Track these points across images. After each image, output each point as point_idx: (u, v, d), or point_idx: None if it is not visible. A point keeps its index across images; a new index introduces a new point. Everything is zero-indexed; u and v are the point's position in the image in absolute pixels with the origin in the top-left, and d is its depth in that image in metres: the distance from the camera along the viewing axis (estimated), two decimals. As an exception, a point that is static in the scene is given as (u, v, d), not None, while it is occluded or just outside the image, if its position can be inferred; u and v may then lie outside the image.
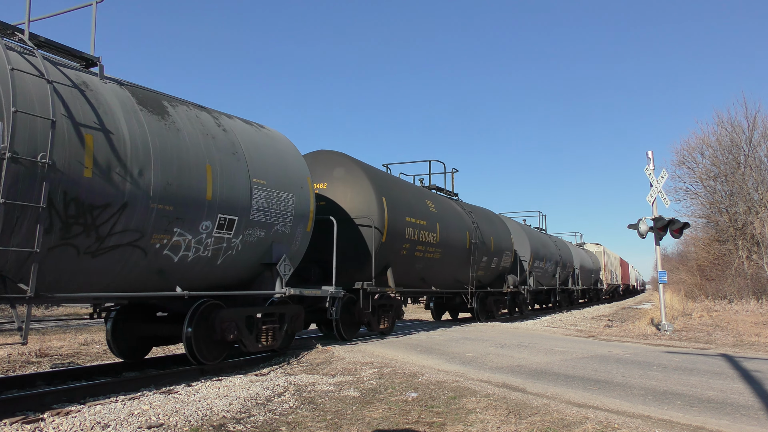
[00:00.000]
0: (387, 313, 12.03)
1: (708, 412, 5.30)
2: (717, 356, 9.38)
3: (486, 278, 17.27)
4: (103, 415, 4.99)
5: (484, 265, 16.50)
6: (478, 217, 16.79)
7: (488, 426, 4.83)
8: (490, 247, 16.67)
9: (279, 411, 5.37)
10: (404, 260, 11.95)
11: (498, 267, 17.65)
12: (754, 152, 29.79)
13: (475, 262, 15.55)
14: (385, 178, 12.21)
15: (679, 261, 48.85)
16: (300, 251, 9.05)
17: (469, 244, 15.09)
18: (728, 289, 27.01)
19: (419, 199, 13.01)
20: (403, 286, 12.40)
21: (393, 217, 11.28)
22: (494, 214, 19.19)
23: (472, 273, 15.44)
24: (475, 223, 15.97)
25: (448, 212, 14.46)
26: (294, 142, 9.78)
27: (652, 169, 14.89)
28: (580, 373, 7.39)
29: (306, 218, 8.94)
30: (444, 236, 13.56)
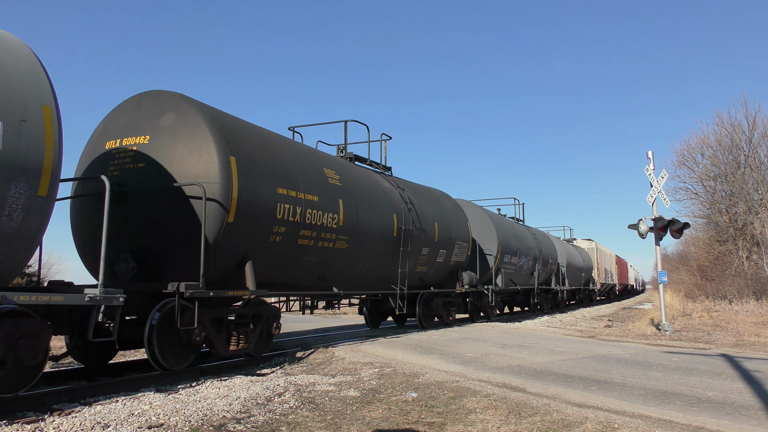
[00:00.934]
0: (248, 328, 8.06)
1: (708, 412, 5.30)
2: (717, 356, 9.38)
3: (431, 276, 13.94)
4: (103, 415, 4.99)
5: (426, 258, 13.15)
6: (416, 197, 13.12)
7: (488, 426, 4.83)
8: (433, 235, 13.22)
9: (279, 411, 5.37)
10: (279, 250, 8.42)
11: (447, 261, 14.28)
12: (754, 152, 29.80)
13: (408, 255, 12.06)
14: (244, 131, 8.32)
15: (679, 261, 48.80)
16: (24, 232, 5.16)
17: (398, 230, 11.60)
18: (728, 289, 27.00)
19: (309, 166, 9.36)
20: (279, 287, 9.12)
21: (249, 187, 7.70)
22: (444, 195, 15.46)
23: (403, 269, 11.94)
24: (409, 204, 12.42)
25: (364, 187, 10.87)
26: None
27: (652, 169, 14.90)
28: (580, 373, 7.40)
29: (32, 172, 5.12)
30: (352, 218, 10.02)
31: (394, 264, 11.77)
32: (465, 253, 15.16)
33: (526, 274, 21.07)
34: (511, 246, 18.75)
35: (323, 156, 10.52)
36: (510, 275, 19.08)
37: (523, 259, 20.09)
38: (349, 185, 10.32)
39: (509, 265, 18.81)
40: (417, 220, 12.56)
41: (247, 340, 8.08)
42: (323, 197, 9.33)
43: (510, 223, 20.86)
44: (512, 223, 21.15)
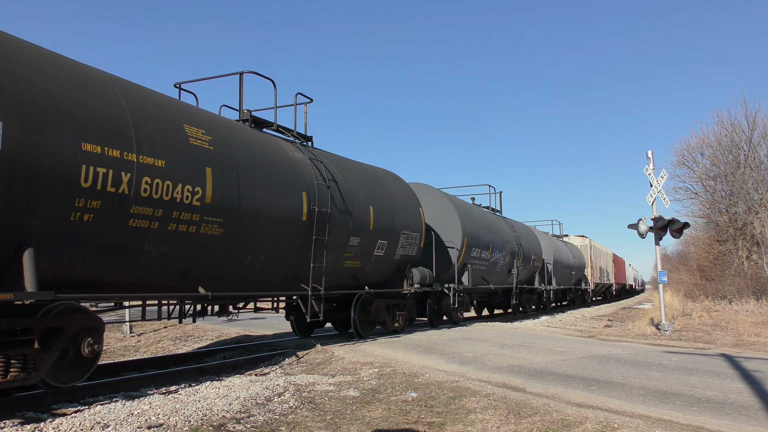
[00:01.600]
0: (31, 348, 5.33)
1: (708, 412, 5.30)
2: (717, 356, 9.39)
3: (369, 273, 11.25)
4: (103, 415, 4.99)
5: (358, 251, 10.47)
6: (344, 174, 10.41)
7: (488, 426, 4.83)
8: (367, 222, 10.59)
9: (279, 411, 5.37)
10: (92, 234, 5.84)
11: (391, 255, 11.61)
12: (754, 152, 29.80)
13: (326, 246, 9.36)
14: (30, 58, 5.56)
15: (678, 261, 48.79)
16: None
17: (309, 213, 8.96)
18: (728, 289, 27.00)
19: (155, 118, 6.63)
20: (110, 287, 6.49)
21: (24, 137, 5.14)
22: (390, 175, 12.79)
23: (318, 263, 9.26)
24: (329, 181, 9.74)
25: (255, 155, 8.13)
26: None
27: (652, 169, 14.90)
28: (580, 373, 7.40)
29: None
30: (229, 194, 7.31)
31: (305, 256, 9.11)
32: (416, 245, 12.50)
33: (503, 272, 18.48)
34: (480, 238, 16.05)
35: (186, 108, 7.53)
36: (481, 272, 16.54)
37: (497, 254, 17.41)
38: (227, 150, 7.49)
39: (479, 260, 16.12)
40: (341, 202, 9.87)
41: (28, 366, 5.32)
42: (176, 162, 6.61)
43: (481, 212, 17.81)
44: (484, 213, 18.14)
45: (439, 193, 15.46)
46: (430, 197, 15.15)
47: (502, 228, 18.67)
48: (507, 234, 18.85)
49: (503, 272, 18.51)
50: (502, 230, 18.50)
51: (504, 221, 19.71)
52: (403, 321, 12.46)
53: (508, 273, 18.97)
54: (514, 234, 19.64)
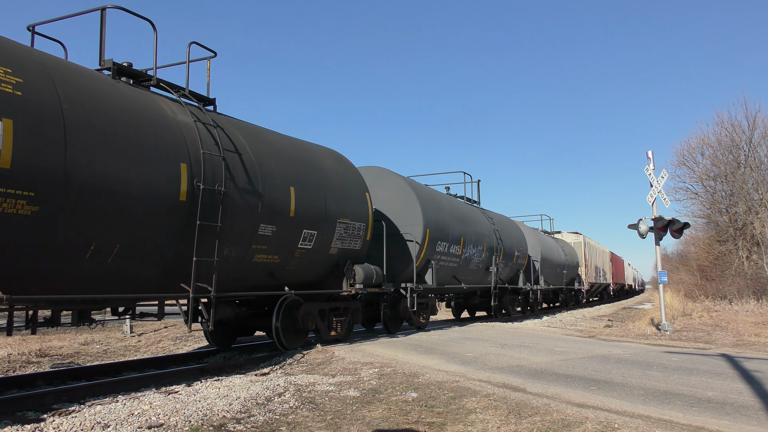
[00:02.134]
0: None
1: (708, 412, 5.30)
2: (717, 356, 9.38)
3: (294, 270, 9.21)
4: (103, 415, 4.99)
5: (273, 242, 8.37)
6: (253, 145, 8.33)
7: (488, 426, 4.83)
8: (286, 206, 8.50)
9: (279, 411, 5.37)
10: None
11: (325, 249, 9.61)
12: (754, 152, 29.80)
13: (218, 234, 7.31)
14: None
15: (679, 261, 48.78)
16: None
17: (191, 191, 7.00)
18: (728, 289, 27.01)
19: None
20: None
21: None
22: (328, 153, 10.70)
23: (206, 257, 7.23)
24: (227, 151, 7.61)
25: (100, 108, 6.14)
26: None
27: (652, 169, 14.90)
28: (580, 373, 7.40)
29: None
30: (47, 158, 5.43)
31: (190, 248, 7.04)
32: (360, 237, 10.46)
33: (479, 270, 16.41)
34: (448, 231, 13.86)
35: None
36: (450, 270, 14.49)
37: (471, 250, 15.33)
38: (49, 100, 5.56)
39: (447, 256, 13.98)
40: (244, 179, 7.77)
41: None
42: None
43: (451, 201, 15.34)
44: (455, 203, 15.66)
45: (396, 178, 13.03)
46: (386, 182, 12.96)
47: (479, 220, 16.56)
48: (484, 227, 16.67)
49: (479, 270, 16.42)
50: (478, 223, 16.39)
51: (481, 213, 17.48)
52: (343, 328, 10.43)
53: (486, 271, 16.85)
54: (492, 227, 17.48)
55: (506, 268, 18.68)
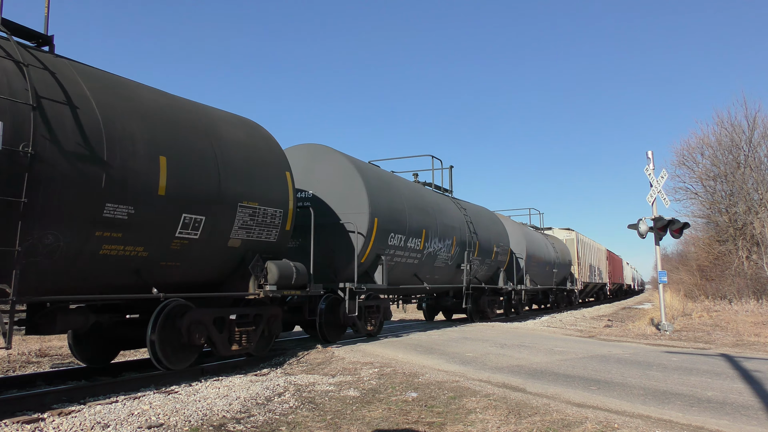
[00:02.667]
0: None
1: (708, 412, 5.30)
2: (717, 356, 9.39)
3: (177, 268, 7.12)
4: (103, 415, 4.99)
5: (136, 229, 6.36)
6: (102, 97, 6.23)
7: (488, 426, 4.83)
8: (153, 182, 6.47)
9: (279, 411, 5.38)
10: None
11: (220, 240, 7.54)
12: (754, 152, 29.80)
13: (23, 214, 5.21)
14: None
15: (678, 261, 48.75)
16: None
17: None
18: (728, 289, 27.01)
19: None
20: None
21: None
22: (227, 116, 8.51)
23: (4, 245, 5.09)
24: (37, 100, 5.49)
25: None
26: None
27: (652, 169, 14.90)
28: (580, 373, 7.40)
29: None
30: None
31: None
32: (276, 226, 8.41)
33: (448, 267, 14.21)
34: (405, 221, 11.57)
35: None
36: (409, 267, 12.28)
37: (437, 244, 13.18)
38: None
39: (404, 250, 11.74)
40: (75, 140, 5.71)
41: None
42: None
43: (411, 187, 13.01)
44: (415, 188, 13.24)
45: (338, 157, 10.73)
46: (325, 162, 10.78)
47: (447, 210, 14.27)
48: (454, 218, 14.46)
49: (448, 267, 14.24)
50: (446, 213, 14.14)
51: (452, 203, 15.25)
52: (251, 340, 8.26)
53: (458, 269, 14.75)
54: (465, 219, 15.28)
55: (483, 265, 16.47)
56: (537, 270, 21.91)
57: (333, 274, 10.42)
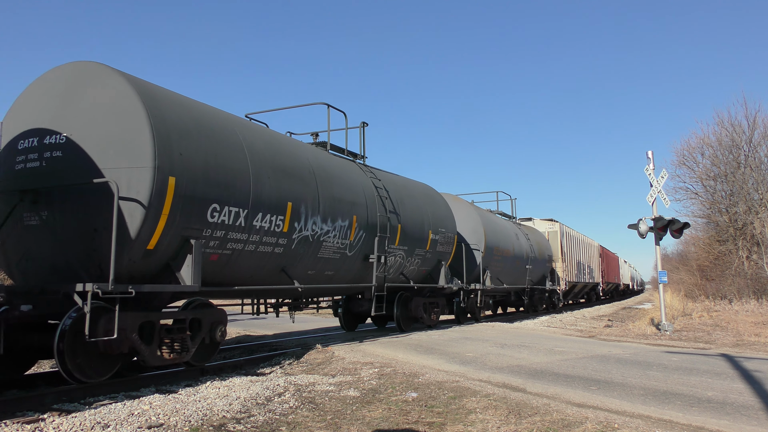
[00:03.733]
0: None
1: (708, 412, 5.30)
2: (717, 356, 9.38)
3: None
4: (103, 415, 4.99)
5: None
6: None
7: (488, 426, 4.83)
8: None
9: (279, 411, 5.38)
10: None
11: None
12: (754, 152, 29.81)
13: None
14: None
15: (679, 261, 48.74)
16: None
17: None
18: (728, 289, 27.01)
19: None
20: None
21: None
22: None
23: None
24: None
25: None
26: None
27: (652, 169, 14.90)
28: (580, 373, 7.40)
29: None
30: None
31: None
32: None
33: (349, 259, 10.22)
34: (254, 189, 7.70)
35: None
36: (271, 259, 8.36)
37: (320, 225, 9.13)
38: None
39: (250, 233, 7.75)
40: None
41: None
42: None
43: (267, 137, 8.79)
44: (278, 141, 9.02)
45: (113, 78, 6.63)
46: (95, 88, 6.63)
47: (342, 179, 10.06)
48: (353, 190, 10.22)
49: (349, 260, 10.15)
50: (341, 182, 9.94)
51: (356, 169, 10.94)
52: None
53: (365, 261, 10.63)
54: (375, 193, 10.90)
55: (412, 258, 12.25)
56: (503, 266, 17.91)
57: (96, 268, 6.32)
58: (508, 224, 19.99)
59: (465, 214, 16.50)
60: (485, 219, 17.19)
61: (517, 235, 19.93)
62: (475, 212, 16.90)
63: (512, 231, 19.68)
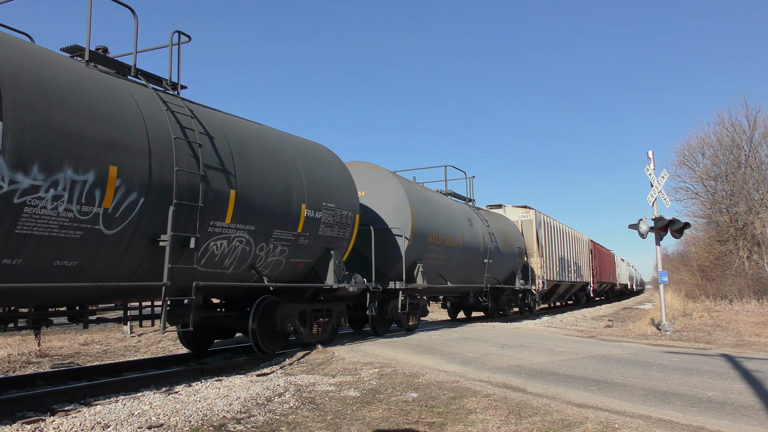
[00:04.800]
0: None
1: (708, 412, 5.30)
2: (717, 356, 9.38)
3: None
4: (103, 415, 4.99)
5: None
6: None
7: (488, 426, 4.83)
8: None
9: (279, 411, 5.37)
10: None
11: None
12: (754, 152, 29.79)
13: None
14: None
15: (679, 261, 48.68)
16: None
17: None
18: (729, 289, 26.99)
19: None
20: None
21: None
22: None
23: None
24: None
25: None
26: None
27: (652, 169, 14.89)
28: (581, 373, 7.39)
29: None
30: None
31: None
32: None
33: (108, 242, 6.06)
34: None
35: None
36: None
37: (27, 178, 5.16)
38: None
39: None
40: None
41: None
42: None
43: None
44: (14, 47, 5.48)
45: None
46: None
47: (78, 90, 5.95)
48: (102, 112, 6.05)
49: (108, 242, 6.08)
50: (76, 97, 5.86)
51: (119, 86, 6.66)
52: None
53: (153, 247, 6.65)
54: (168, 125, 6.88)
55: (269, 244, 8.34)
56: (446, 259, 13.82)
57: None
58: (456, 206, 15.25)
59: (385, 189, 12.26)
60: (414, 196, 12.62)
61: (471, 221, 15.42)
62: (398, 186, 12.23)
63: (462, 215, 15.05)
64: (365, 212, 12.03)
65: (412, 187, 13.16)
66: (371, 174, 12.58)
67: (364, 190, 12.39)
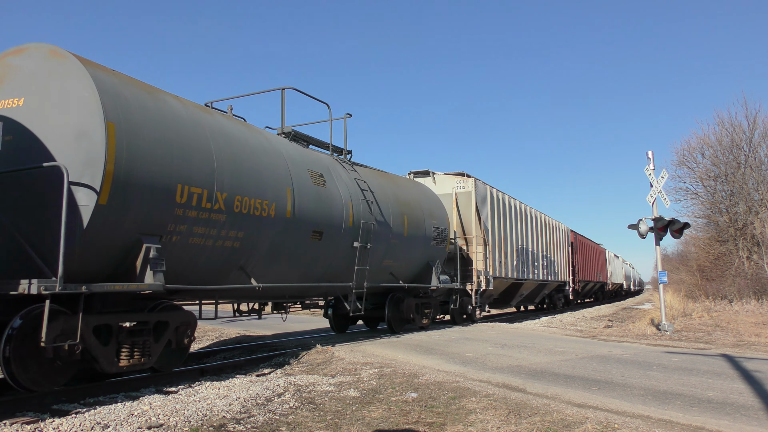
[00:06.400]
0: None
1: (708, 412, 5.30)
2: (717, 356, 9.38)
3: None
4: (103, 415, 4.99)
5: None
6: None
7: (488, 426, 4.83)
8: None
9: (279, 411, 5.37)
10: None
11: None
12: (754, 152, 29.80)
13: None
14: None
15: (679, 261, 48.67)
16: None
17: None
18: (728, 289, 27.00)
19: None
20: None
21: None
22: None
23: None
24: None
25: None
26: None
27: (652, 169, 14.89)
28: (580, 373, 7.39)
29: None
30: None
31: None
32: None
33: None
34: None
35: None
36: None
37: None
38: None
39: None
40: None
41: None
42: None
43: None
44: None
45: None
46: None
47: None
48: None
49: None
50: None
51: None
52: None
53: None
54: None
55: None
56: (249, 239, 7.70)
57: None
58: (287, 151, 8.96)
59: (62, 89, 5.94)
60: (130, 105, 6.20)
61: (324, 179, 9.54)
62: (85, 82, 5.84)
63: (301, 168, 9.01)
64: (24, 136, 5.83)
65: (128, 89, 6.39)
66: (47, 64, 6.08)
67: (25, 95, 6.01)
